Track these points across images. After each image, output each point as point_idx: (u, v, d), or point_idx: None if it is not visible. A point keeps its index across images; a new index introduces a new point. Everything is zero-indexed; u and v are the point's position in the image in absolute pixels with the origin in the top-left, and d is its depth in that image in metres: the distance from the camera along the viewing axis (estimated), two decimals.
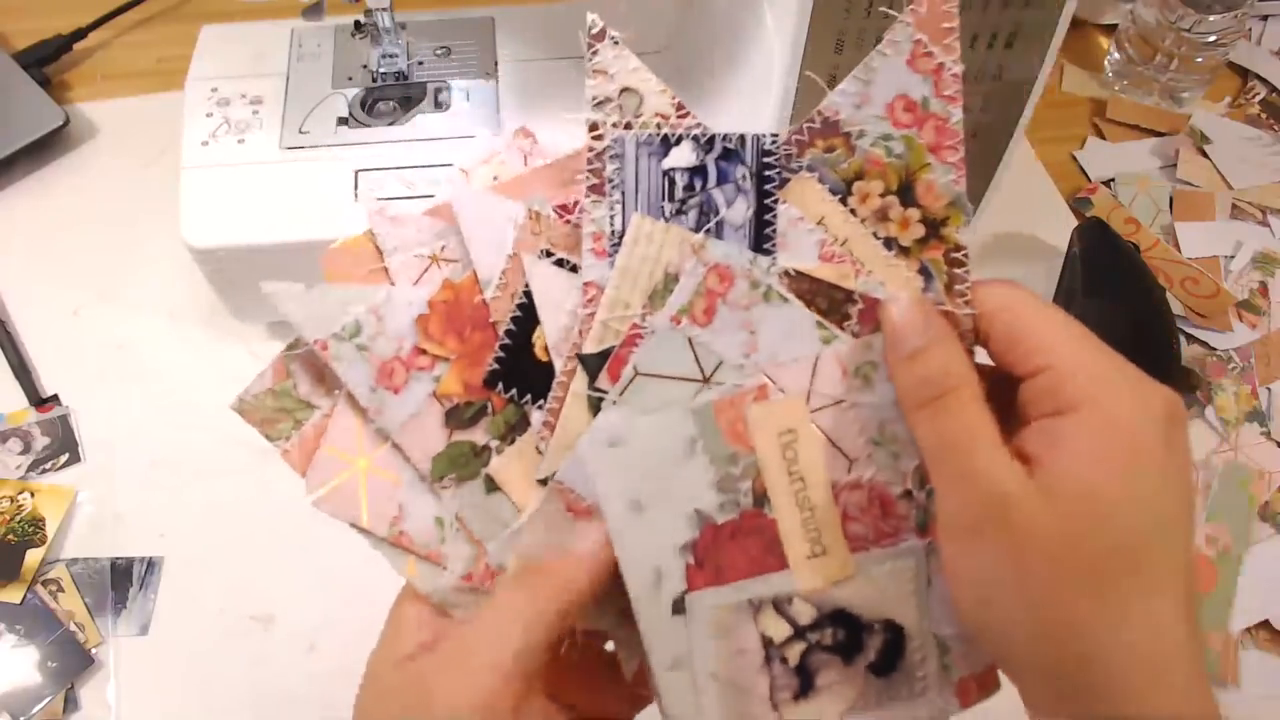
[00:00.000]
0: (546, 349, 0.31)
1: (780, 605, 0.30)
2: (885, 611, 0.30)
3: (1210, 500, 0.61)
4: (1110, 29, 0.86)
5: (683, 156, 0.30)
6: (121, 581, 0.56)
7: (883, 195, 0.30)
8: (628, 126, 0.30)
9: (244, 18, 0.67)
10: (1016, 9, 0.51)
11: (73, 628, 0.54)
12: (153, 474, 0.59)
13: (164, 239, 0.62)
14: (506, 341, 0.31)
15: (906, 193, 0.29)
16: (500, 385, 0.31)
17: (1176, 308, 0.67)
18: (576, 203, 0.31)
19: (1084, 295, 0.62)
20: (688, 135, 0.30)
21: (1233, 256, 0.72)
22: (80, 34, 0.78)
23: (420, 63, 0.65)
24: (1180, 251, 0.71)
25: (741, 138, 0.30)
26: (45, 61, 0.76)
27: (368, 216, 0.32)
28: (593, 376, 0.30)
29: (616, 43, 0.30)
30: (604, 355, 0.30)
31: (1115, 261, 0.64)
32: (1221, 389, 0.65)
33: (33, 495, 0.58)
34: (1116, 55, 0.82)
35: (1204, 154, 0.77)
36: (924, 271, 0.29)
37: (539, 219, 0.31)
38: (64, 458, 0.60)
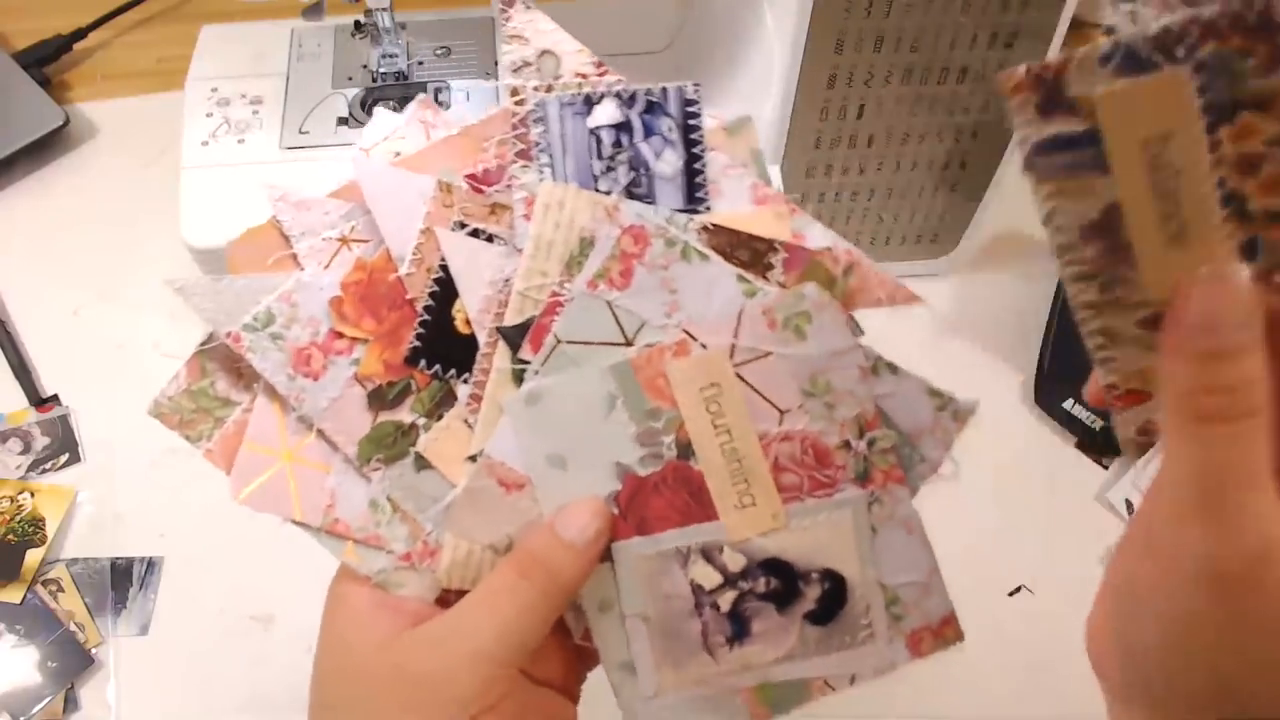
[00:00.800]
0: (467, 322, 0.30)
1: (709, 553, 0.30)
2: (824, 561, 0.30)
3: None
4: (1110, 29, 0.86)
5: (607, 114, 0.30)
6: (121, 581, 0.56)
7: (1269, 144, 0.22)
8: (549, 89, 0.30)
9: (244, 18, 0.67)
10: (1016, 9, 0.51)
11: (73, 628, 0.54)
12: (153, 474, 0.59)
13: (164, 239, 0.62)
14: (425, 318, 0.30)
15: None
16: (422, 362, 0.31)
17: None
18: (487, 171, 0.30)
19: None
20: (610, 92, 0.30)
21: None
22: (80, 34, 0.78)
23: (420, 63, 0.65)
24: None
25: (664, 89, 0.30)
26: (45, 61, 0.76)
27: (270, 203, 0.31)
28: (515, 348, 0.30)
29: (528, 7, 0.29)
30: (524, 326, 0.30)
31: None
32: None
33: (33, 495, 0.58)
34: None
35: None
36: (1249, 246, 0.23)
37: (450, 191, 0.31)
38: (64, 458, 0.60)
